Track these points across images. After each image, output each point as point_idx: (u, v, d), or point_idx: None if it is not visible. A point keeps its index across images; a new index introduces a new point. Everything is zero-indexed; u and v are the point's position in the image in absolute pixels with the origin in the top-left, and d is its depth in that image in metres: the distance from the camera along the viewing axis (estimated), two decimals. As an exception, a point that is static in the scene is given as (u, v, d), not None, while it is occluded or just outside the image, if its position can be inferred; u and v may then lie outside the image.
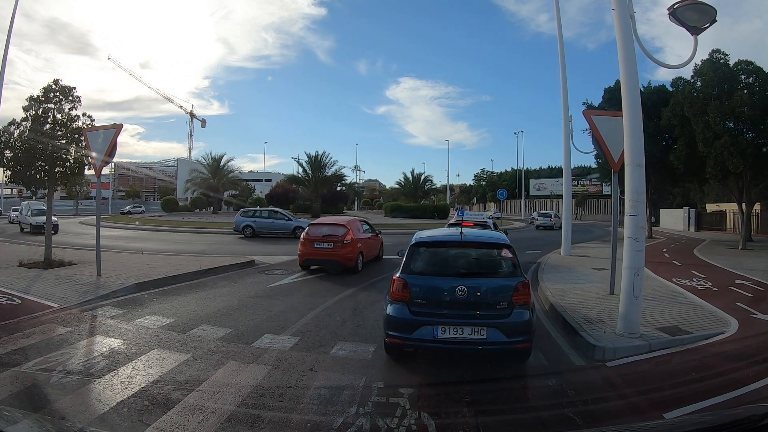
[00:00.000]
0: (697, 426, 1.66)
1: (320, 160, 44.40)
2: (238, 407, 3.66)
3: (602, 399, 4.04)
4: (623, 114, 5.46)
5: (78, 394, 3.92)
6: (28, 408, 3.57)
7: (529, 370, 4.71)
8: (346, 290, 8.72)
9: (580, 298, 7.73)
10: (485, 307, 4.43)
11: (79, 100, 11.20)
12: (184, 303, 7.50)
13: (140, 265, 10.79)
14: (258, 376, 4.32)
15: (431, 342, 4.37)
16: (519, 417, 3.72)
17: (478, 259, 5.09)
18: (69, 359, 4.73)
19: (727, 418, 1.63)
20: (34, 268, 10.10)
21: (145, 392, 3.92)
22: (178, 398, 3.80)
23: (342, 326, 6.20)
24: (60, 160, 10.86)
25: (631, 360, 4.92)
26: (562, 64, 15.39)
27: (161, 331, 5.85)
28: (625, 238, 5.42)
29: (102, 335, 5.67)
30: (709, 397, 3.84)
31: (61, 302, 7.18)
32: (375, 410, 3.58)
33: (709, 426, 1.61)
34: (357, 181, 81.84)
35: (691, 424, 1.74)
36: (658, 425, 1.99)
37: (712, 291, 8.80)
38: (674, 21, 5.47)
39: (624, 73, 5.44)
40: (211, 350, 5.09)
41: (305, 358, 4.87)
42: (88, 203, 50.86)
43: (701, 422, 1.72)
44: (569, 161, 15.73)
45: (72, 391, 4.00)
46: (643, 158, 5.32)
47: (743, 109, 16.72)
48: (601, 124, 7.53)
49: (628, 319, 5.38)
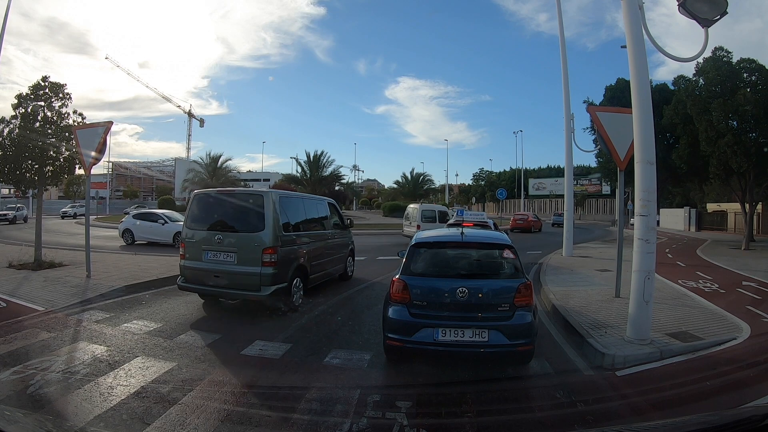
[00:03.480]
0: (698, 426, 1.64)
1: (318, 160, 44.29)
2: (223, 422, 3.40)
3: (614, 413, 3.78)
4: (633, 109, 5.20)
5: (54, 407, 3.67)
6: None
7: (535, 380, 4.45)
8: (342, 293, 8.47)
9: (584, 301, 7.48)
10: (487, 309, 4.31)
11: (69, 97, 10.92)
12: (174, 306, 7.22)
13: (132, 267, 10.52)
14: (246, 387, 4.05)
15: (431, 344, 4.24)
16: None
17: (480, 260, 4.96)
18: (48, 367, 4.47)
19: (729, 418, 1.60)
20: (23, 270, 9.85)
21: (125, 405, 3.66)
22: (159, 412, 3.54)
23: (337, 332, 5.94)
24: (50, 159, 10.60)
25: (642, 369, 4.65)
26: (564, 61, 15.17)
27: (147, 336, 5.58)
28: (635, 240, 5.16)
29: (85, 341, 5.41)
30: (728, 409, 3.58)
31: (47, 305, 6.93)
32: (370, 427, 3.32)
33: (710, 426, 1.58)
34: (355, 181, 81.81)
35: (692, 424, 1.70)
36: (659, 425, 1.93)
37: (719, 293, 8.56)
38: (684, 13, 5.23)
39: (633, 66, 5.18)
40: (198, 358, 4.83)
41: (297, 367, 4.61)
42: (84, 202, 50.50)
43: (703, 422, 1.68)
44: (571, 160, 15.53)
45: (48, 403, 3.75)
46: (654, 156, 5.06)
47: (747, 107, 16.52)
48: (606, 121, 7.27)
49: (637, 324, 5.11)
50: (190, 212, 7.27)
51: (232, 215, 7.05)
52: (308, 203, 8.61)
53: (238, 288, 6.68)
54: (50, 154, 10.59)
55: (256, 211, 6.76)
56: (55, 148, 10.57)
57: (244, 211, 6.95)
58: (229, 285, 6.70)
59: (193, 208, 7.31)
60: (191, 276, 6.98)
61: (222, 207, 7.18)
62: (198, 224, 7.11)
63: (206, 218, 7.11)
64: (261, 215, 6.71)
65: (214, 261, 6.75)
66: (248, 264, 6.56)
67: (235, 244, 6.70)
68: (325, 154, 45.06)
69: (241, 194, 7.66)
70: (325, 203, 9.44)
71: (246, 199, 7.17)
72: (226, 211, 7.12)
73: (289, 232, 7.19)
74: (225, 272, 6.66)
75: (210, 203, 7.29)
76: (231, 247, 6.69)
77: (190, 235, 7.11)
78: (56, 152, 10.66)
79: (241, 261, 6.61)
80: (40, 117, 10.57)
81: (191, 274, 6.98)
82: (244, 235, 6.76)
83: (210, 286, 6.82)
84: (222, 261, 6.72)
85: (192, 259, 6.98)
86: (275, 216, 6.76)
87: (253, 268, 6.53)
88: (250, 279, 6.52)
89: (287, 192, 8.58)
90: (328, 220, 9.19)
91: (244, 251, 6.63)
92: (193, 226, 7.14)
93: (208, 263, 6.78)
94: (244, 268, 6.58)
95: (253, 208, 6.82)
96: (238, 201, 7.17)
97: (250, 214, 6.83)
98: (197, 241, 6.97)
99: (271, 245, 6.58)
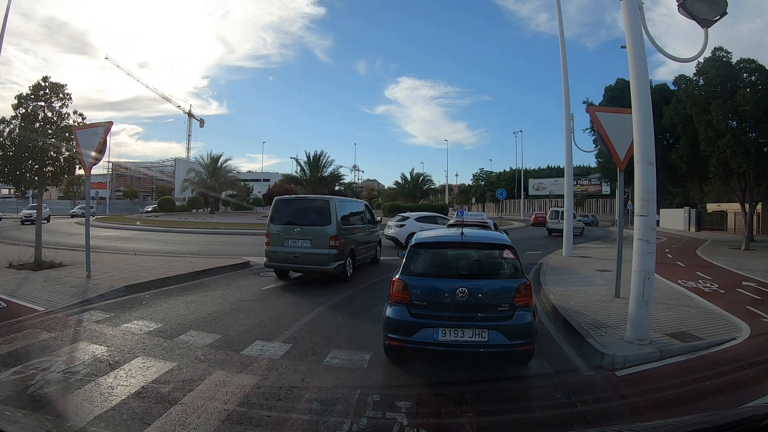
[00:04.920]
0: (698, 426, 1.64)
1: (318, 160, 44.30)
2: (223, 422, 3.40)
3: (614, 413, 3.78)
4: (632, 110, 5.20)
5: (53, 407, 3.67)
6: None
7: (535, 381, 4.45)
8: (342, 293, 8.47)
9: (584, 301, 7.48)
10: (486, 309, 4.32)
11: (69, 97, 10.92)
12: (174, 307, 7.23)
13: (132, 267, 10.52)
14: (246, 387, 4.05)
15: (431, 344, 4.24)
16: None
17: (479, 260, 4.95)
18: (49, 367, 4.48)
19: (728, 418, 1.60)
20: (23, 270, 9.85)
21: (125, 405, 3.66)
22: (159, 412, 3.54)
23: (337, 332, 5.94)
24: (50, 159, 10.59)
25: (642, 369, 4.65)
26: (563, 61, 15.16)
27: (147, 337, 5.58)
28: (634, 240, 5.16)
29: (86, 341, 5.41)
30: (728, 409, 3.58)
31: (47, 305, 6.93)
32: (370, 427, 3.32)
33: (710, 426, 1.58)
34: (355, 181, 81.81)
35: (692, 424, 1.70)
36: (659, 425, 1.93)
37: (719, 293, 8.56)
38: (684, 13, 5.24)
39: (633, 66, 5.18)
40: (198, 358, 4.83)
41: (297, 367, 4.60)
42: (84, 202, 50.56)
43: (702, 422, 1.68)
44: (571, 160, 15.52)
45: (48, 403, 3.75)
46: (653, 156, 5.06)
47: (746, 107, 16.51)
48: (606, 121, 7.26)
49: (637, 324, 5.11)
50: (273, 213, 9.76)
51: (306, 214, 9.60)
52: (353, 205, 11.67)
53: (312, 264, 9.22)
54: (50, 155, 10.58)
55: (325, 211, 9.38)
56: (55, 149, 10.56)
57: (315, 211, 9.55)
58: (306, 262, 9.23)
59: (275, 209, 9.80)
60: (275, 257, 9.48)
61: (298, 208, 9.87)
62: (279, 221, 9.57)
63: (286, 217, 9.61)
64: (328, 214, 9.33)
65: (294, 246, 9.30)
66: (320, 248, 9.16)
67: (310, 234, 9.25)
68: (325, 155, 45.13)
69: (313, 199, 10.67)
70: (363, 204, 12.46)
71: (316, 202, 9.93)
72: (300, 212, 9.70)
73: (344, 226, 9.82)
74: (302, 253, 9.18)
75: (288, 206, 9.91)
76: (307, 236, 9.27)
77: (274, 229, 9.54)
78: (56, 152, 10.65)
79: (315, 246, 9.19)
80: (41, 117, 10.56)
81: (275, 256, 9.47)
82: (317, 228, 9.27)
83: (290, 263, 9.47)
84: (300, 246, 9.27)
85: (275, 245, 9.45)
86: (336, 214, 9.38)
87: (324, 250, 9.11)
88: (321, 258, 9.06)
89: (341, 198, 11.73)
90: (365, 217, 11.90)
91: (316, 239, 9.20)
92: (276, 222, 9.61)
93: (288, 248, 9.32)
94: (317, 250, 9.13)
95: (322, 209, 9.45)
96: (310, 204, 10.02)
97: (320, 213, 9.41)
98: (280, 233, 9.45)
99: (335, 234, 9.23)
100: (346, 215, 10.24)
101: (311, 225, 9.30)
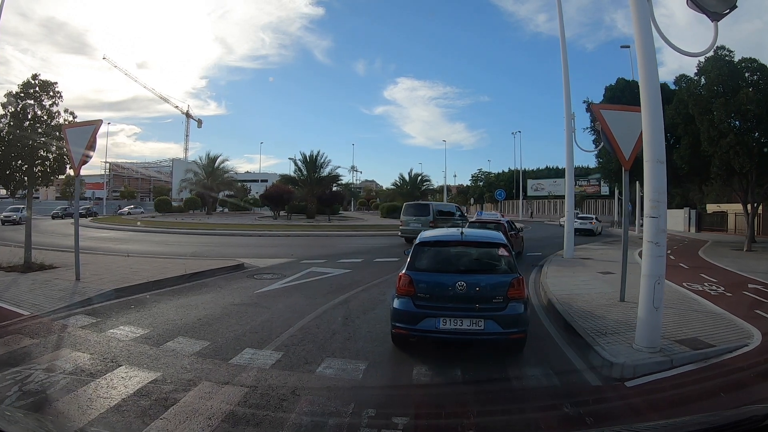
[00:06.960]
0: (698, 426, 1.64)
1: (316, 160, 43.89)
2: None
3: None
4: (642, 106, 4.96)
5: (27, 422, 3.41)
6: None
7: (541, 392, 4.19)
8: (338, 296, 8.20)
9: (588, 306, 7.23)
10: (483, 301, 4.75)
11: (60, 95, 10.67)
12: (163, 311, 6.97)
13: (123, 269, 10.26)
14: (232, 400, 3.79)
15: (434, 332, 4.71)
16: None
17: (477, 257, 5.39)
18: (28, 377, 4.24)
19: (729, 418, 1.60)
20: (12, 272, 9.61)
21: (104, 420, 3.42)
22: (138, 428, 3.30)
23: (331, 338, 5.67)
24: (39, 158, 10.33)
25: (653, 378, 4.40)
26: (564, 61, 14.97)
27: (133, 344, 5.33)
28: (644, 243, 4.92)
29: (69, 348, 5.17)
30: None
31: (33, 310, 6.71)
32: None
33: (710, 426, 1.58)
34: (353, 182, 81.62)
35: (692, 424, 1.70)
36: (659, 425, 1.90)
37: (725, 296, 8.34)
38: (693, 7, 5.04)
39: (642, 61, 4.94)
40: (184, 367, 4.57)
41: (287, 378, 4.34)
42: (83, 203, 50.23)
43: (703, 422, 1.68)
44: (572, 160, 15.30)
45: (17, 421, 3.48)
46: (664, 154, 4.84)
47: (749, 107, 16.27)
48: (611, 120, 7.04)
49: (647, 332, 4.85)
50: (404, 209, 20.11)
51: (419, 209, 19.81)
52: (446, 206, 23.90)
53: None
54: (40, 154, 10.33)
55: (427, 208, 19.67)
56: (45, 148, 10.31)
57: (423, 207, 20.07)
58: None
59: (404, 208, 20.19)
60: (406, 233, 18.51)
61: (414, 206, 20.43)
62: (407, 215, 19.53)
63: (409, 211, 19.72)
64: (428, 210, 19.34)
65: (414, 225, 18.03)
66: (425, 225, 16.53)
67: (421, 219, 18.44)
68: (323, 155, 44.71)
69: (422, 204, 21.16)
70: (454, 206, 24.18)
71: (423, 204, 21.05)
72: (416, 207, 20.10)
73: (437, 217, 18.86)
74: (417, 230, 10.72)
75: (410, 205, 20.42)
76: (420, 220, 18.29)
77: (405, 220, 19.42)
78: (46, 151, 10.40)
79: (422, 224, 17.01)
80: (30, 115, 10.31)
81: (407, 233, 18.30)
82: (423, 217, 18.73)
83: (411, 235, 16.45)
84: (416, 227, 17.14)
85: (405, 226, 19.13)
86: (434, 210, 19.35)
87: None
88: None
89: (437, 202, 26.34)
90: (455, 213, 21.67)
91: (424, 223, 17.44)
92: (406, 215, 19.63)
93: (412, 226, 18.24)
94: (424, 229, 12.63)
95: (426, 206, 19.93)
96: (420, 203, 21.79)
97: (426, 209, 19.58)
98: (407, 220, 19.28)
99: (432, 221, 18.10)
100: (440, 211, 20.15)
101: (421, 215, 18.90)
